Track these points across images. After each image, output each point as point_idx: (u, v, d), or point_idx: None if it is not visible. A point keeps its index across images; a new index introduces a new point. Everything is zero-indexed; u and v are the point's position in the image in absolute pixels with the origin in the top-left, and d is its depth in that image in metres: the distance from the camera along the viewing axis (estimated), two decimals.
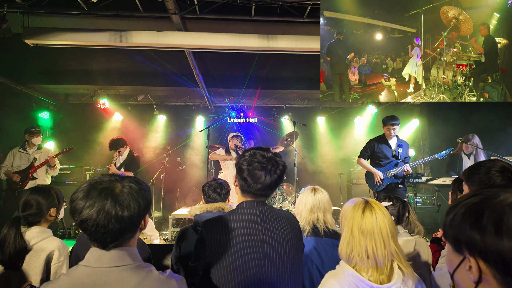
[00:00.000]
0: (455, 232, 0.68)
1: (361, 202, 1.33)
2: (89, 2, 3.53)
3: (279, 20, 4.02)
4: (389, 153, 4.10)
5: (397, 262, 1.26)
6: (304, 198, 2.06)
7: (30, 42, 3.80)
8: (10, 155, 4.58)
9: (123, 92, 7.04)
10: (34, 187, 1.90)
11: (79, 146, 6.33)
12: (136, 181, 1.06)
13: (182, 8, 3.61)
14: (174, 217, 5.25)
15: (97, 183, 1.00)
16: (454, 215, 0.69)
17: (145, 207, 1.04)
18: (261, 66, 5.74)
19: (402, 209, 2.11)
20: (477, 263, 0.63)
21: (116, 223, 0.96)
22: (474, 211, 0.65)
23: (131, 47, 4.02)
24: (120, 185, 1.01)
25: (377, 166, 4.14)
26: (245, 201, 1.39)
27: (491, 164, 1.56)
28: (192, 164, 7.46)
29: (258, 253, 1.30)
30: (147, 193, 1.06)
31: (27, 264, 1.64)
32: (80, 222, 0.96)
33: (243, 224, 1.33)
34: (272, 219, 1.37)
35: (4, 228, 1.64)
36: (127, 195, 0.99)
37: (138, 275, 0.97)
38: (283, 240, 1.35)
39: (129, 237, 1.02)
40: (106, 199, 0.96)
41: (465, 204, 0.68)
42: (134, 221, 1.00)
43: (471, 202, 0.67)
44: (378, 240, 1.23)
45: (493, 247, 0.60)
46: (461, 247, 0.67)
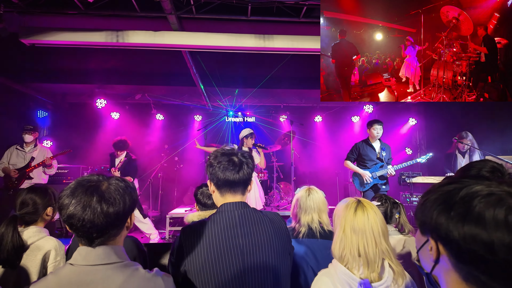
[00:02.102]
0: (422, 216, 0.71)
1: (353, 202, 1.35)
2: (85, 2, 3.53)
3: (275, 20, 4.03)
4: (374, 155, 4.33)
5: (388, 260, 1.29)
6: (298, 198, 2.06)
7: (26, 42, 3.80)
8: (8, 152, 4.60)
9: (120, 91, 7.04)
10: (31, 186, 1.91)
11: (76, 146, 6.34)
12: (122, 180, 1.09)
13: (179, 8, 3.62)
14: (171, 216, 5.28)
15: (85, 181, 1.03)
16: (425, 200, 0.71)
17: (130, 205, 1.06)
18: (259, 65, 5.76)
19: (391, 209, 2.14)
20: (437, 246, 0.67)
21: (102, 218, 0.98)
22: (445, 198, 0.67)
23: (128, 47, 4.02)
24: (107, 183, 1.04)
25: (363, 168, 4.33)
26: (224, 203, 1.35)
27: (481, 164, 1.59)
28: (189, 163, 7.47)
29: (237, 258, 1.24)
30: (133, 191, 1.09)
31: (24, 264, 1.66)
32: (67, 218, 0.98)
33: (221, 228, 1.28)
34: (252, 222, 1.32)
35: (1, 227, 1.65)
36: (114, 192, 1.02)
37: (124, 273, 0.99)
38: (265, 243, 1.29)
39: (114, 234, 1.04)
40: (92, 196, 0.99)
41: (439, 191, 0.70)
42: (120, 217, 1.02)
43: (445, 190, 0.68)
44: (369, 238, 1.26)
45: (453, 233, 0.62)
46: (426, 229, 0.71)
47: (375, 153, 4.35)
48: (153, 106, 7.31)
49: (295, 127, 6.37)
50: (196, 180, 7.26)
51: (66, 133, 6.98)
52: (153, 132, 7.57)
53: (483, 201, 0.61)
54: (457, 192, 0.65)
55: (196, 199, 2.21)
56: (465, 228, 0.60)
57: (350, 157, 4.44)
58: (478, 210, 0.60)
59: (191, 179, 7.33)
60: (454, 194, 0.65)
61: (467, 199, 0.63)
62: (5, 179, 4.51)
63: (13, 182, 4.47)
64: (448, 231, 0.63)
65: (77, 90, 7.00)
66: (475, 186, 0.64)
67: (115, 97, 7.11)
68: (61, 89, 6.91)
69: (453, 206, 0.64)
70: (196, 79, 5.61)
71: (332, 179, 7.30)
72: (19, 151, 4.61)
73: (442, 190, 0.69)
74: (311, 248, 1.91)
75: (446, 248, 0.65)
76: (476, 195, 0.62)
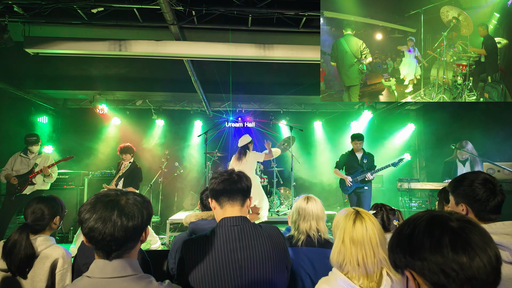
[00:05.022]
0: (395, 256, 0.78)
1: (352, 213, 1.39)
2: (89, 12, 3.61)
3: (275, 30, 4.11)
4: (356, 163, 5.10)
5: (386, 269, 1.32)
6: (297, 206, 2.11)
7: (30, 51, 3.87)
8: (12, 159, 4.67)
9: (121, 97, 7.09)
10: (40, 196, 1.97)
11: (77, 151, 6.38)
12: (139, 195, 1.15)
13: (181, 18, 3.69)
14: (172, 221, 5.31)
15: (103, 196, 1.08)
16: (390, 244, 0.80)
17: (147, 218, 1.11)
18: (259, 71, 5.83)
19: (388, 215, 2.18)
20: (413, 277, 0.74)
21: (121, 231, 1.02)
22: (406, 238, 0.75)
23: (130, 56, 4.09)
24: (125, 197, 1.09)
25: (348, 174, 5.12)
26: (224, 218, 1.40)
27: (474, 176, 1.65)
28: (190, 169, 7.52)
29: (236, 272, 1.29)
30: (149, 206, 1.14)
31: (32, 272, 1.70)
32: (88, 231, 1.03)
33: (221, 242, 1.32)
34: (251, 237, 1.36)
35: (14, 234, 1.69)
36: (132, 206, 1.07)
37: (139, 285, 1.03)
38: (262, 257, 1.34)
39: (131, 247, 1.09)
40: (112, 210, 1.03)
41: (398, 233, 0.78)
42: (137, 231, 1.07)
43: (408, 232, 0.76)
44: (368, 249, 1.29)
45: (431, 264, 0.68)
46: (400, 267, 0.77)
47: (357, 161, 5.09)
48: (153, 112, 7.37)
49: (294, 132, 6.43)
50: (196, 186, 7.30)
51: (67, 139, 7.03)
52: (154, 137, 7.62)
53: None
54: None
55: (200, 198, 2.33)
56: (438, 257, 0.68)
57: (338, 166, 5.24)
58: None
59: (191, 185, 7.37)
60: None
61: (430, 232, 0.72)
62: (8, 185, 4.56)
63: (16, 188, 4.52)
64: (424, 263, 0.70)
65: (78, 96, 7.05)
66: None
67: (116, 103, 7.17)
68: (62, 95, 6.96)
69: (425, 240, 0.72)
70: (196, 85, 5.68)
71: (331, 184, 7.35)
72: (23, 158, 4.67)
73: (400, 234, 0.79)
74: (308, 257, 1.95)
75: (423, 277, 0.71)
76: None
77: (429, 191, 5.77)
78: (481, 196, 1.57)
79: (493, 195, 1.56)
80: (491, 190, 1.58)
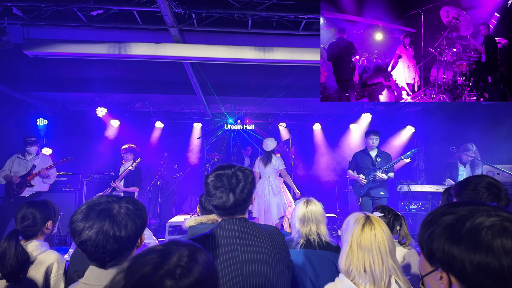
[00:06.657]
0: (431, 247, 0.74)
1: (362, 218, 1.36)
2: (88, 15, 3.60)
3: (275, 33, 4.11)
4: (369, 163, 4.65)
5: (395, 277, 1.30)
6: (297, 210, 2.11)
7: (30, 53, 3.85)
8: (10, 161, 4.65)
9: (120, 99, 7.09)
10: (31, 200, 1.94)
11: (76, 153, 6.35)
12: (132, 201, 1.12)
13: (181, 21, 3.68)
14: (170, 224, 5.29)
15: (95, 205, 1.06)
16: (431, 232, 0.75)
17: (141, 226, 1.09)
18: (258, 74, 5.82)
19: (393, 221, 2.18)
20: (448, 276, 0.71)
21: (114, 243, 1.01)
22: (452, 231, 0.71)
23: (130, 58, 4.08)
24: (117, 206, 1.07)
25: (360, 174, 4.70)
26: (224, 219, 1.40)
27: (478, 180, 1.63)
28: (189, 171, 7.50)
29: (237, 270, 1.29)
30: (143, 213, 1.12)
31: (27, 277, 1.68)
32: (80, 243, 1.01)
33: (222, 241, 1.33)
34: (251, 235, 1.37)
35: (3, 242, 1.67)
36: (124, 216, 1.05)
37: None
38: (263, 256, 1.34)
39: (127, 255, 1.07)
40: (104, 220, 1.01)
41: (441, 223, 0.73)
42: (131, 241, 1.06)
43: (448, 222, 0.72)
44: (376, 256, 1.27)
45: (466, 265, 0.66)
46: (435, 261, 0.74)
47: (370, 160, 4.65)
48: (153, 114, 7.35)
49: (294, 134, 6.42)
50: (195, 188, 7.27)
51: (66, 141, 7.00)
52: (153, 139, 7.61)
53: (489, 232, 0.66)
54: (462, 225, 0.70)
55: (199, 200, 2.32)
56: (477, 258, 0.65)
57: (350, 167, 4.85)
58: (487, 241, 0.66)
59: (190, 187, 7.35)
60: (460, 227, 0.70)
61: (474, 232, 0.68)
62: (6, 187, 4.54)
63: (14, 190, 4.49)
64: (461, 263, 0.67)
65: (77, 98, 7.04)
66: (477, 218, 0.69)
67: (115, 105, 7.15)
68: (61, 97, 6.94)
69: (462, 239, 0.69)
70: (196, 88, 5.67)
71: (331, 186, 7.33)
72: (20, 160, 4.65)
73: (444, 223, 0.73)
74: (309, 259, 1.95)
75: (459, 279, 0.69)
76: (481, 227, 0.68)
77: (429, 193, 5.76)
78: (484, 200, 1.55)
79: (497, 199, 1.54)
80: (495, 194, 1.56)
